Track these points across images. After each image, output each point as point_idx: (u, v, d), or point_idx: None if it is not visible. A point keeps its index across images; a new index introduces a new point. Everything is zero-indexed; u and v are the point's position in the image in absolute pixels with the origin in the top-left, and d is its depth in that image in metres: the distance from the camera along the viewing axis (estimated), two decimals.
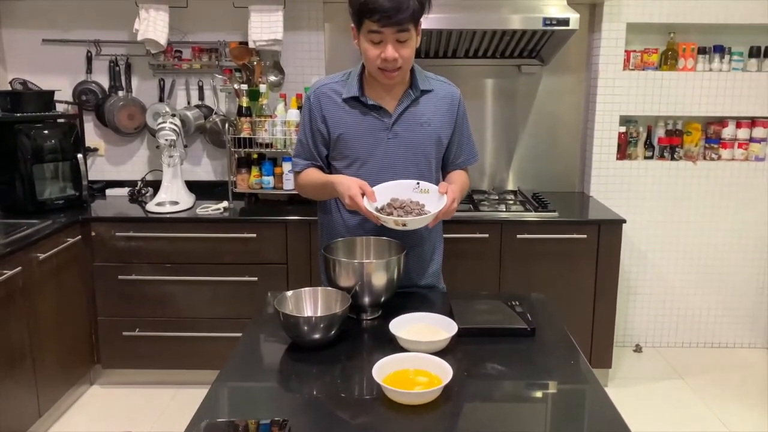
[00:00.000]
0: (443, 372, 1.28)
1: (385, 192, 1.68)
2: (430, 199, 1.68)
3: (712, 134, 3.34)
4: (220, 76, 3.22)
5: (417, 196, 1.69)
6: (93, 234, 2.85)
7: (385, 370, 1.30)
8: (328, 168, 1.85)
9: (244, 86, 3.07)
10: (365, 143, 1.76)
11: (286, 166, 3.01)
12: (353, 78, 1.76)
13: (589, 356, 2.93)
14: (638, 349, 3.46)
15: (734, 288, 3.43)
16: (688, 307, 3.46)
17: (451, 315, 1.56)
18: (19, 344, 2.45)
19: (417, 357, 1.35)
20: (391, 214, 1.62)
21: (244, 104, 3.03)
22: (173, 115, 2.99)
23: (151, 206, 2.97)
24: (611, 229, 2.85)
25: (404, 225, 1.59)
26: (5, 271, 2.32)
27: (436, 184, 1.77)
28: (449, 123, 1.82)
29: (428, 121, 1.78)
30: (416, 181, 1.69)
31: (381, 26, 1.57)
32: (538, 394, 1.33)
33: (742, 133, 3.29)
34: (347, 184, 1.64)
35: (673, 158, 3.34)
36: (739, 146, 3.31)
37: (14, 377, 2.42)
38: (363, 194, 1.62)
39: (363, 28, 1.62)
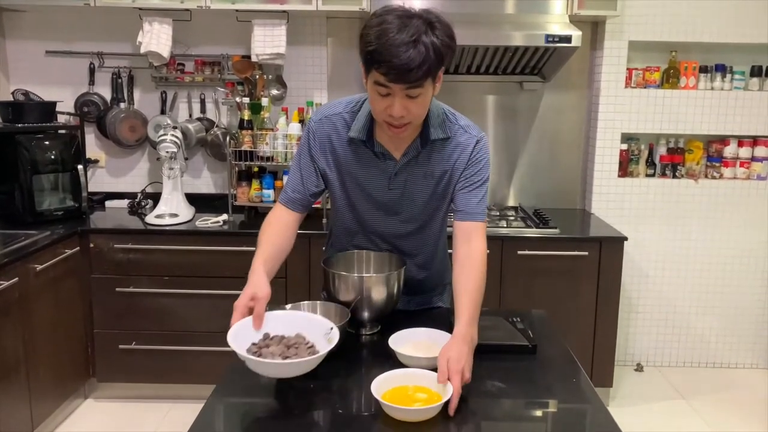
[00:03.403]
0: (443, 388, 1.26)
1: (289, 323, 1.40)
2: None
3: (714, 153, 3.34)
4: (223, 89, 3.22)
5: (323, 344, 1.36)
6: (91, 246, 2.84)
7: (383, 386, 1.27)
8: (309, 206, 1.67)
9: (246, 99, 3.07)
10: (364, 189, 1.62)
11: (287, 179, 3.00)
12: (363, 114, 1.56)
13: (589, 375, 2.89)
14: (639, 368, 3.43)
15: (736, 308, 3.41)
16: (689, 327, 3.43)
17: (451, 331, 1.53)
18: (14, 356, 2.42)
19: (416, 373, 1.33)
20: (268, 346, 1.32)
21: (246, 117, 3.03)
22: (174, 128, 2.99)
23: (150, 218, 2.96)
24: (612, 246, 2.83)
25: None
26: (1, 282, 2.30)
27: (437, 240, 1.70)
28: (458, 171, 1.60)
29: (432, 172, 1.59)
30: (331, 326, 1.38)
31: (387, 81, 1.36)
32: (539, 412, 1.31)
33: (744, 152, 3.29)
34: (247, 291, 1.42)
35: (674, 176, 3.33)
36: (741, 165, 3.30)
37: (7, 389, 2.39)
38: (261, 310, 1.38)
39: (370, 76, 1.40)
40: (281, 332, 1.37)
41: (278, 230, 1.62)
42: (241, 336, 1.31)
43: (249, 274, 1.47)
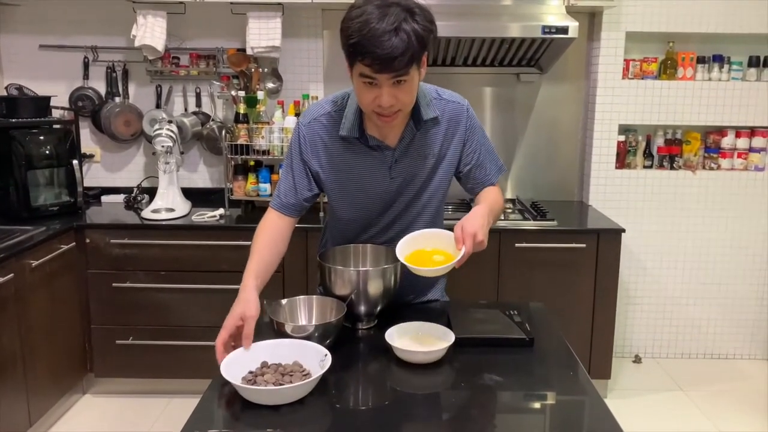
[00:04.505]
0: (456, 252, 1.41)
1: (288, 351, 1.37)
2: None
3: (712, 144, 3.33)
4: (218, 83, 3.21)
5: (318, 370, 1.32)
6: (87, 241, 2.82)
7: (405, 249, 1.46)
8: (303, 211, 1.67)
9: (242, 93, 3.05)
10: (363, 184, 1.61)
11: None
12: (350, 111, 1.56)
13: (587, 367, 2.90)
14: (637, 359, 3.43)
15: (734, 299, 3.41)
16: (687, 318, 3.43)
17: (448, 324, 1.53)
18: (11, 352, 2.42)
19: (435, 233, 1.50)
20: (263, 374, 1.30)
21: (242, 111, 3.01)
22: (170, 122, 2.97)
23: (146, 213, 2.94)
24: (610, 238, 2.83)
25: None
26: None
27: (430, 220, 1.70)
28: (458, 145, 1.63)
29: (432, 151, 1.60)
30: (325, 353, 1.33)
31: (373, 72, 1.36)
32: (537, 405, 1.31)
33: (742, 143, 3.28)
34: (236, 311, 1.41)
35: (672, 167, 3.32)
36: (739, 156, 3.30)
37: (5, 385, 2.38)
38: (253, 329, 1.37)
39: (354, 68, 1.41)
40: (279, 360, 1.37)
41: (270, 238, 1.62)
42: (235, 365, 1.32)
43: (240, 290, 1.47)
